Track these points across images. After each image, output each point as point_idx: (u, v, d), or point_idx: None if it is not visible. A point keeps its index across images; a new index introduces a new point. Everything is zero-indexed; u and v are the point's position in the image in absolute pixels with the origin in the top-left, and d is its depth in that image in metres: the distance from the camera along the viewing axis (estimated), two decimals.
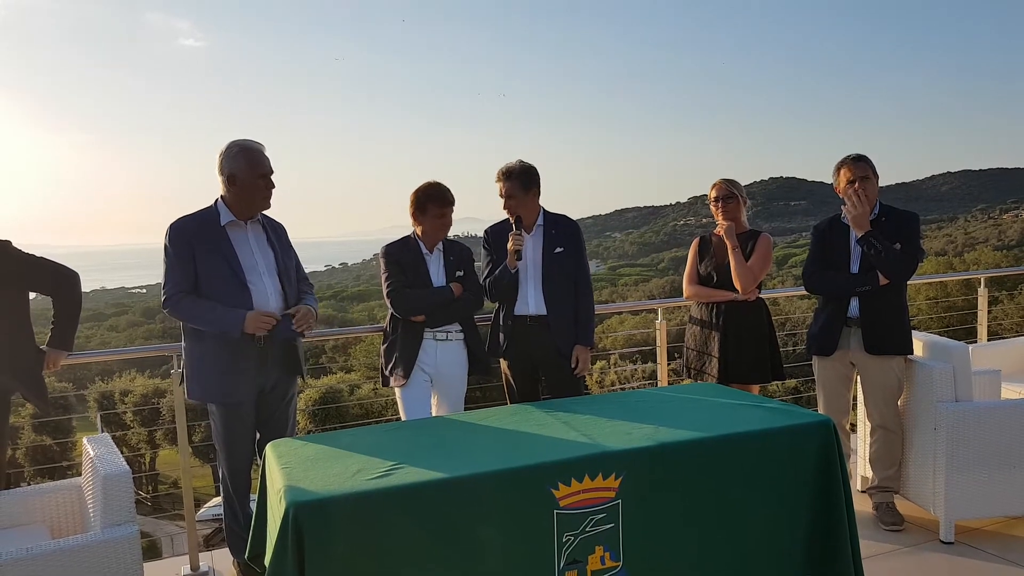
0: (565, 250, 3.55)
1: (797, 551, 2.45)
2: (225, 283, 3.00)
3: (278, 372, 3.15)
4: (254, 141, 3.08)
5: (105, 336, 52.80)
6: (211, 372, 3.06)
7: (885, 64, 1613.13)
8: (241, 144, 3.05)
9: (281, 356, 3.13)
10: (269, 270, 3.11)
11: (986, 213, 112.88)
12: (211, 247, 3.02)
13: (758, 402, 2.79)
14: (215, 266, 3.01)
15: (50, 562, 2.22)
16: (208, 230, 3.04)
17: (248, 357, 3.03)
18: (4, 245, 3.04)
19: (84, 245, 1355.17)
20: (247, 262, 3.06)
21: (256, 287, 3.05)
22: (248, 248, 3.09)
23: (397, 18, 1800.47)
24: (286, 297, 3.14)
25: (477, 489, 2.11)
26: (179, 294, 3.01)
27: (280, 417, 3.21)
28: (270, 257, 3.14)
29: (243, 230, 3.10)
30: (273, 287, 3.10)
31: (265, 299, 3.07)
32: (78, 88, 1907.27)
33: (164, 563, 3.67)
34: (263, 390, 3.15)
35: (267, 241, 3.16)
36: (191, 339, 3.10)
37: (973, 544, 3.29)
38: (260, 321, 2.96)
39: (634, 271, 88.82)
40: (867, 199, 3.45)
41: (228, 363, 3.02)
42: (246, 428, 3.14)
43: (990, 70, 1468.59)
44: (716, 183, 3.81)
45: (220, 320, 2.97)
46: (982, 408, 3.32)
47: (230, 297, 3.00)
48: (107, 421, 24.84)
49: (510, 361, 3.60)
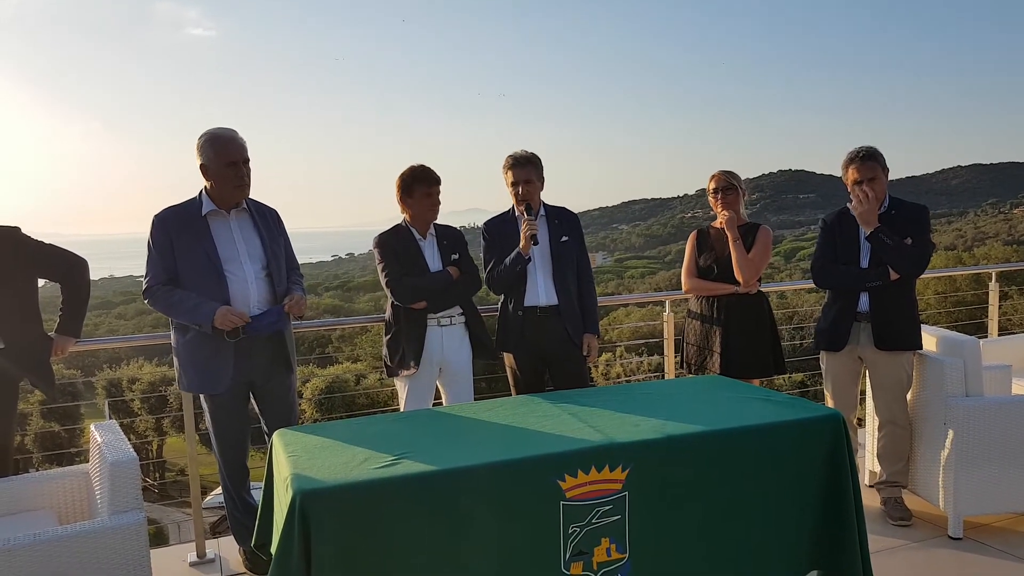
0: (570, 239, 3.57)
1: (804, 545, 2.44)
2: (202, 273, 2.98)
3: (266, 363, 3.12)
4: (226, 129, 3.02)
5: (113, 324, 53.06)
6: (194, 363, 3.05)
7: (896, 57, 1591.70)
8: (210, 133, 3.01)
9: (268, 348, 3.10)
10: (252, 259, 3.06)
11: (996, 208, 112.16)
12: (190, 237, 2.99)
13: (766, 396, 2.77)
14: (193, 256, 2.98)
15: (57, 548, 2.23)
16: (189, 220, 3.01)
17: (227, 348, 3.00)
18: (14, 232, 3.04)
19: (93, 233, 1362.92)
20: (226, 252, 3.02)
21: (235, 276, 3.01)
22: (229, 237, 3.05)
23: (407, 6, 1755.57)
24: (272, 285, 3.10)
25: (483, 479, 2.11)
26: (157, 285, 3.00)
27: (281, 408, 3.20)
28: (255, 245, 3.08)
29: (225, 219, 3.06)
30: (254, 276, 3.05)
31: (244, 288, 3.02)
32: (88, 77, 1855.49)
33: (171, 550, 3.68)
34: (254, 382, 3.13)
35: (254, 229, 3.10)
36: (177, 331, 3.09)
37: (982, 540, 3.27)
38: (227, 319, 2.91)
39: (641, 263, 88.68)
40: (875, 197, 3.42)
41: (208, 355, 3.01)
42: (235, 419, 3.14)
43: (1002, 63, 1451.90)
44: (715, 174, 3.77)
45: (192, 312, 2.95)
46: (993, 403, 3.30)
47: (207, 288, 2.97)
48: (115, 408, 24.96)
49: (519, 353, 3.58)
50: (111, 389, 26.68)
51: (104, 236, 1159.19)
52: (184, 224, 3.01)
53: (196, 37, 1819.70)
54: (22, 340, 3.03)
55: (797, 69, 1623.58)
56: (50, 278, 3.21)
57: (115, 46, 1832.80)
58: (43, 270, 3.16)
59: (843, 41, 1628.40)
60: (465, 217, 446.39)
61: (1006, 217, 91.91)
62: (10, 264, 3.00)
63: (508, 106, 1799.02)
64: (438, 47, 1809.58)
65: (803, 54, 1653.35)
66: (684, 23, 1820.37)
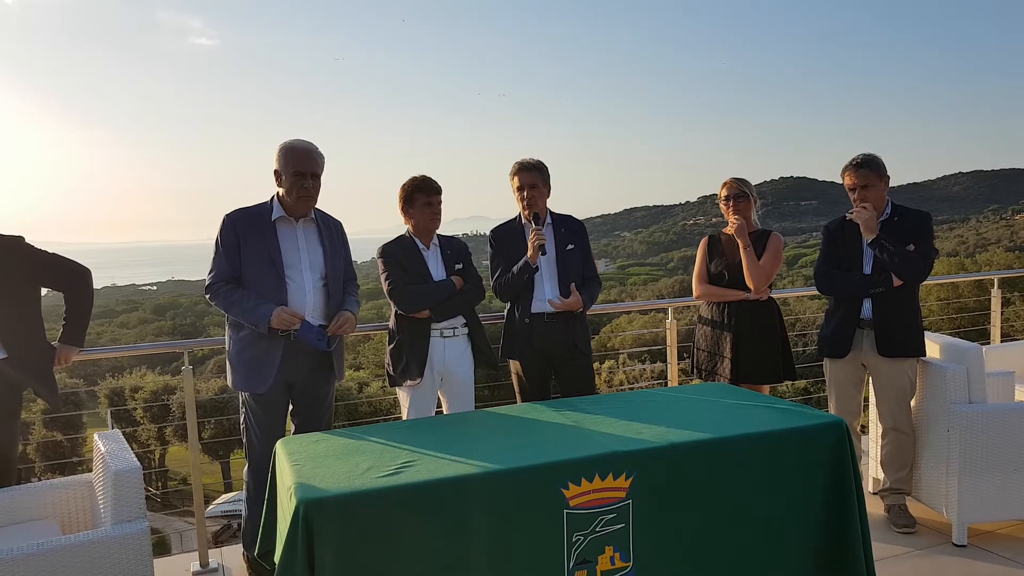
0: (575, 247, 3.61)
1: (809, 552, 2.43)
2: (264, 276, 3.06)
3: (310, 368, 3.16)
4: (303, 141, 3.12)
5: (116, 333, 53.12)
6: (243, 362, 3.11)
7: (897, 64, 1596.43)
8: (286, 143, 3.11)
9: (316, 354, 3.14)
10: (313, 268, 3.14)
11: (998, 214, 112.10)
12: (257, 239, 3.08)
13: (770, 403, 2.77)
14: (257, 258, 3.07)
15: (60, 557, 2.23)
16: (258, 223, 3.10)
17: (276, 350, 3.07)
18: (17, 241, 3.05)
19: (95, 242, 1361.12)
20: (289, 258, 3.10)
21: (294, 283, 3.09)
22: (294, 244, 3.13)
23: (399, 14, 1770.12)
24: (328, 296, 3.16)
25: (487, 488, 2.11)
26: (219, 283, 3.08)
27: (314, 415, 3.23)
28: (318, 255, 3.16)
29: (292, 226, 3.14)
30: (313, 285, 3.12)
31: (302, 296, 3.10)
32: (90, 86, 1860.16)
33: (174, 559, 3.67)
34: (294, 385, 3.17)
35: (318, 239, 3.18)
36: (232, 328, 3.16)
37: (986, 547, 3.26)
38: (284, 318, 2.98)
39: (643, 270, 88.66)
40: (871, 206, 3.44)
41: (257, 354, 3.07)
42: (271, 421, 3.16)
43: (1004, 69, 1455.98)
44: (727, 182, 3.79)
45: (251, 312, 3.01)
46: (996, 410, 3.29)
47: (267, 290, 3.05)
48: (117, 417, 24.96)
49: (525, 359, 3.59)
50: (114, 398, 26.69)
51: (107, 244, 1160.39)
52: (253, 226, 3.09)
53: (199, 46, 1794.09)
54: (25, 349, 3.03)
55: (799, 75, 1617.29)
56: (53, 287, 3.22)
57: (120, 56, 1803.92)
58: (46, 279, 3.17)
59: (845, 47, 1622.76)
60: (469, 224, 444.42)
61: (1008, 223, 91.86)
62: (13, 274, 3.00)
63: (511, 114, 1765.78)
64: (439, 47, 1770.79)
65: (805, 61, 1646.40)
66: (686, 29, 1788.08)
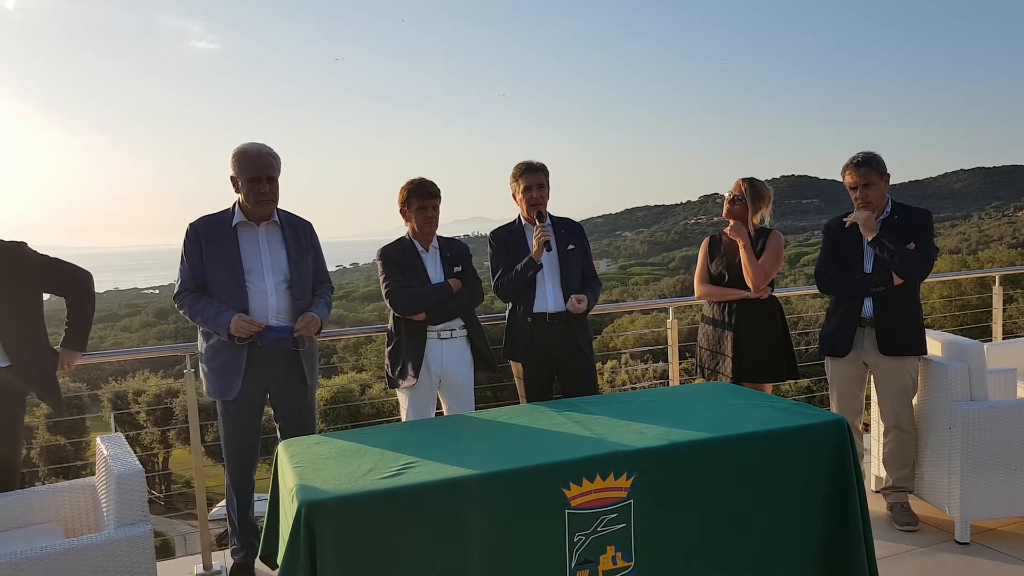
0: (576, 248, 3.63)
1: (811, 551, 2.43)
2: (226, 282, 3.06)
3: (282, 373, 3.15)
4: (253, 144, 3.10)
5: (118, 336, 53.15)
6: (212, 369, 3.13)
7: (898, 61, 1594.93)
8: (239, 148, 3.10)
9: (284, 359, 3.13)
10: (275, 271, 3.12)
11: (1000, 211, 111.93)
12: (218, 247, 3.08)
13: (771, 402, 2.77)
14: (219, 265, 3.07)
15: (64, 561, 2.23)
16: (219, 230, 3.10)
17: (240, 357, 3.07)
18: (19, 246, 3.05)
19: (97, 246, 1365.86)
20: (250, 263, 3.09)
21: (255, 288, 3.08)
22: (255, 249, 3.11)
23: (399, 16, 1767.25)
24: (293, 298, 3.13)
25: (488, 489, 2.11)
26: (185, 291, 3.10)
27: (296, 419, 3.22)
28: (280, 258, 3.14)
29: (254, 231, 3.13)
30: (275, 288, 3.11)
31: (263, 299, 3.08)
32: (92, 89, 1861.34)
33: (177, 562, 3.68)
34: (270, 391, 3.17)
35: (281, 242, 3.16)
36: (202, 336, 3.18)
37: (989, 544, 3.26)
38: (242, 326, 2.97)
39: (644, 270, 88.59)
40: (871, 204, 3.44)
41: (224, 361, 3.08)
42: (244, 429, 3.17)
43: (1005, 66, 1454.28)
44: (736, 181, 3.76)
45: (212, 320, 3.03)
46: (998, 407, 3.29)
47: (229, 297, 3.05)
48: (120, 421, 24.98)
49: (528, 360, 3.60)
50: (117, 402, 26.70)
51: (108, 248, 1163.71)
52: (214, 233, 3.10)
53: (200, 50, 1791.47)
54: (28, 354, 3.04)
55: (799, 74, 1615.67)
56: (55, 292, 3.22)
57: (121, 60, 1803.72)
58: (48, 284, 3.17)
59: (845, 45, 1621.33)
60: (469, 226, 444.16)
61: (1010, 220, 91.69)
62: (15, 279, 3.01)
63: (511, 114, 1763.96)
64: (439, 47, 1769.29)
65: (805, 59, 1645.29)
66: (687, 28, 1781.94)
